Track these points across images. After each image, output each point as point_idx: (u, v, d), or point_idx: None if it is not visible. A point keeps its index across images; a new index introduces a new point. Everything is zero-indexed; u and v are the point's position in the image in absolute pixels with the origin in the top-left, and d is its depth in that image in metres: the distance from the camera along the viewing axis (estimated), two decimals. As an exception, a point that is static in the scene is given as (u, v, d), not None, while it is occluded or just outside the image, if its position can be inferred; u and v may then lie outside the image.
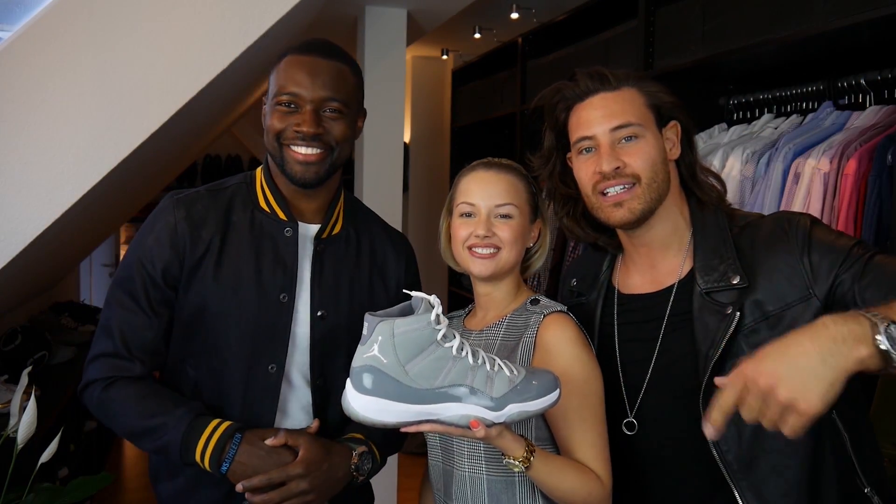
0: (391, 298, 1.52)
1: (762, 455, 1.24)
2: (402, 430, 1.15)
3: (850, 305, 1.20)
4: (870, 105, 2.05)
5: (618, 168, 1.31)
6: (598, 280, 1.48)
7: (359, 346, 1.14)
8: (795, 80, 2.25)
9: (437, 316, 1.14)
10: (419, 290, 1.56)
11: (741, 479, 1.24)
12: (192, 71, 2.20)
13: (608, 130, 1.33)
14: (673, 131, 1.38)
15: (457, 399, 1.13)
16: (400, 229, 3.78)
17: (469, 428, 1.13)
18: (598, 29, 3.18)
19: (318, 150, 1.41)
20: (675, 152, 1.38)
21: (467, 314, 1.50)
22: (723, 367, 1.25)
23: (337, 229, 1.52)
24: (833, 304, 1.23)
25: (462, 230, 1.39)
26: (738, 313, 1.25)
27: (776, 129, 2.22)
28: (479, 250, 1.37)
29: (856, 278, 1.20)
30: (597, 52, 3.15)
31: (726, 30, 2.27)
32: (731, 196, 2.01)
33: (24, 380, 1.68)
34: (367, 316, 1.15)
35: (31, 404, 1.57)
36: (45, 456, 1.59)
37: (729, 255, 1.31)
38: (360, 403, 1.13)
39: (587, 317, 1.44)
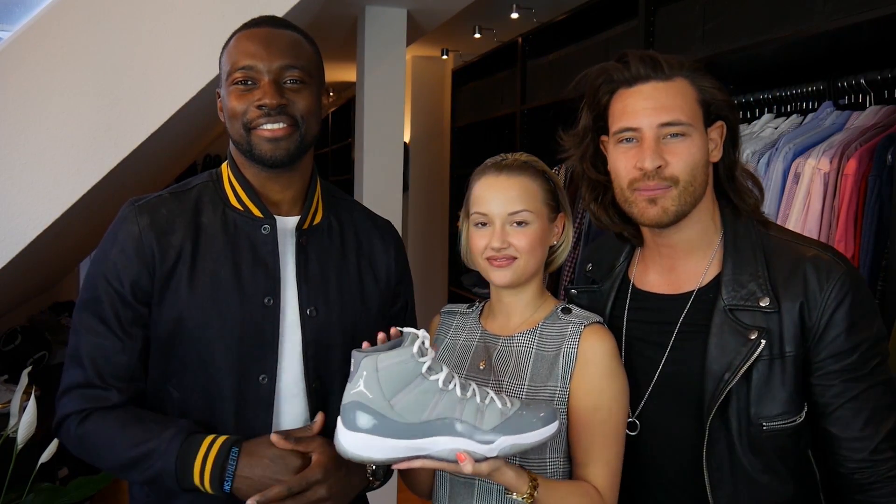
0: (382, 289, 1.45)
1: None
2: (394, 467, 1.13)
3: (815, 396, 1.23)
4: (870, 105, 2.05)
5: (659, 167, 1.23)
6: (613, 270, 1.43)
7: (347, 383, 1.13)
8: (795, 80, 2.24)
9: (420, 348, 1.11)
10: (409, 278, 1.52)
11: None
12: (192, 71, 2.20)
13: (656, 125, 1.23)
14: (718, 132, 1.30)
15: (445, 433, 1.10)
16: (400, 229, 3.79)
17: (457, 461, 1.09)
18: (598, 29, 3.18)
19: (285, 125, 1.29)
20: (717, 154, 1.30)
21: (481, 313, 1.43)
22: (731, 390, 1.23)
23: (318, 219, 1.41)
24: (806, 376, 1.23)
25: (478, 241, 1.33)
26: (763, 342, 1.21)
27: (776, 129, 2.22)
28: (497, 261, 1.31)
29: (839, 394, 1.21)
30: (597, 52, 3.15)
31: (726, 30, 2.27)
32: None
33: (24, 380, 1.68)
34: (354, 352, 1.13)
35: (31, 404, 1.57)
36: (45, 456, 1.59)
37: (760, 273, 1.25)
38: (349, 440, 1.11)
39: (598, 306, 1.41)
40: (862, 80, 2.02)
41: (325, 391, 1.36)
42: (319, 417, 1.30)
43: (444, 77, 5.66)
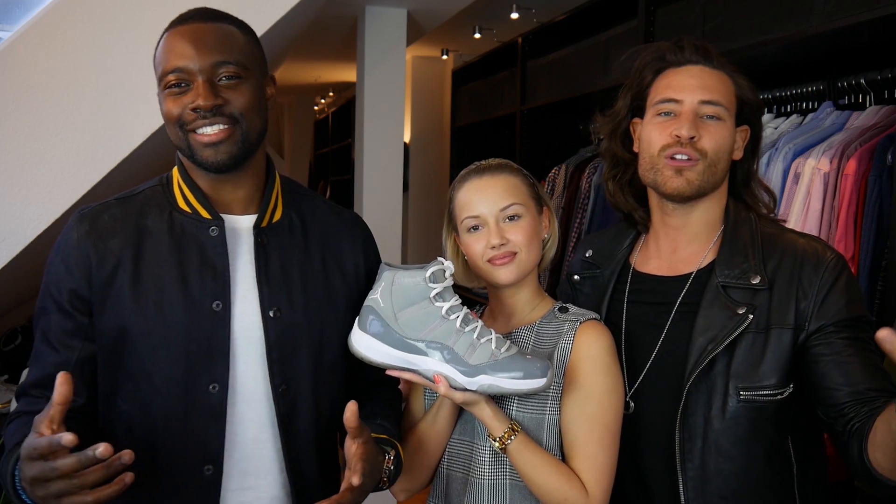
0: (351, 287, 1.37)
1: (715, 476, 1.26)
2: (387, 372, 1.25)
3: (808, 362, 1.24)
4: (870, 105, 2.05)
5: (693, 138, 1.30)
6: (615, 255, 1.47)
7: (371, 288, 1.27)
8: (795, 80, 2.24)
9: (434, 274, 1.22)
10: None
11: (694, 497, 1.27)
12: (192, 71, 2.20)
13: (697, 101, 1.31)
14: (742, 135, 1.37)
15: (434, 355, 1.21)
16: (400, 229, 3.80)
17: (433, 381, 1.20)
18: (598, 29, 3.18)
19: (223, 126, 1.23)
20: (738, 154, 1.37)
21: (480, 317, 1.43)
22: (715, 362, 1.26)
23: (278, 216, 1.34)
24: (803, 346, 1.25)
25: (475, 245, 1.33)
26: (751, 316, 1.26)
27: (776, 129, 2.22)
28: (499, 259, 1.32)
29: (838, 351, 1.22)
30: (597, 52, 3.15)
31: (726, 30, 2.27)
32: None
33: (24, 380, 1.68)
34: (382, 264, 1.27)
35: (31, 404, 1.57)
36: (45, 456, 1.58)
37: (754, 255, 1.31)
38: (357, 337, 1.26)
39: (599, 290, 1.44)
40: (862, 80, 2.02)
41: (293, 394, 1.30)
42: (352, 406, 1.16)
43: (444, 77, 5.66)
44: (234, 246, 1.30)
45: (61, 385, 1.05)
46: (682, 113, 1.32)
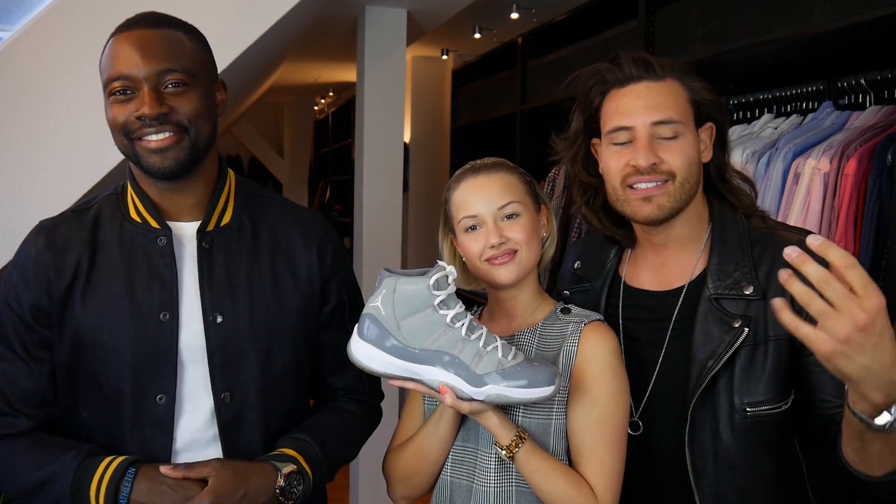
0: (303, 290, 1.35)
1: (729, 472, 1.25)
2: (389, 382, 1.22)
3: (803, 370, 1.23)
4: (870, 105, 2.05)
5: (654, 164, 1.24)
6: (604, 268, 1.43)
7: (371, 294, 1.22)
8: (795, 80, 2.24)
9: (438, 282, 1.18)
10: (343, 274, 1.43)
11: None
12: (192, 71, 2.20)
13: (649, 123, 1.25)
14: (707, 133, 1.32)
15: (440, 365, 1.17)
16: (400, 229, 3.79)
17: (438, 392, 1.17)
18: (598, 29, 3.18)
19: (169, 134, 1.22)
20: (707, 155, 1.32)
21: (479, 317, 1.42)
22: (717, 378, 1.24)
23: (226, 219, 1.33)
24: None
25: (473, 245, 1.31)
26: (746, 329, 1.23)
27: (776, 129, 2.22)
28: (498, 258, 1.29)
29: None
30: (597, 52, 3.15)
31: (726, 30, 2.27)
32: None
33: (24, 380, 1.68)
34: (383, 270, 1.21)
35: (31, 404, 1.56)
36: (45, 456, 1.58)
37: (745, 263, 1.27)
38: (357, 347, 1.22)
39: (590, 304, 1.41)
40: (862, 80, 2.02)
41: (238, 403, 1.28)
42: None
43: (444, 77, 5.66)
44: (180, 253, 1.30)
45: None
46: (637, 139, 1.26)
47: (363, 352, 1.21)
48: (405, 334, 1.18)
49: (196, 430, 1.28)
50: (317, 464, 1.29)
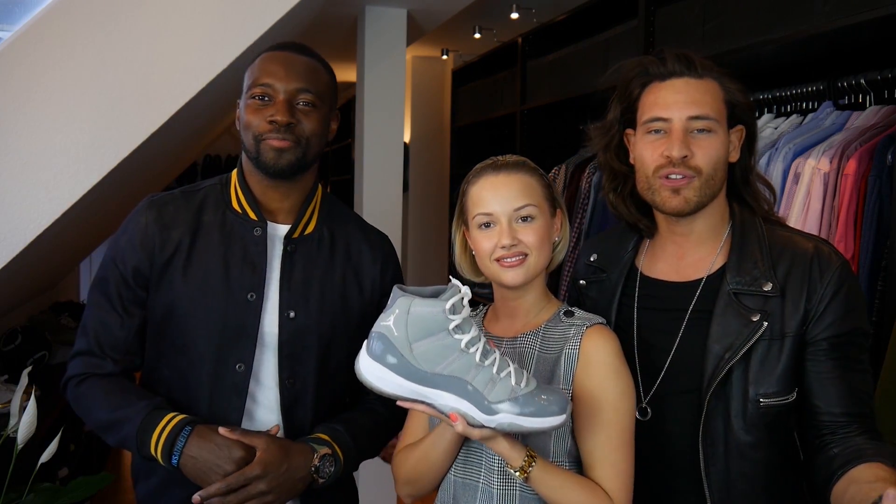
0: (365, 300, 1.53)
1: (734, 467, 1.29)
2: (398, 403, 1.18)
3: (805, 373, 1.28)
4: (870, 105, 2.05)
5: (685, 157, 1.30)
6: (621, 259, 1.47)
7: (383, 311, 1.19)
8: (795, 80, 2.24)
9: (455, 305, 1.15)
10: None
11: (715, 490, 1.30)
12: (192, 71, 2.20)
13: (685, 117, 1.31)
14: (738, 135, 1.37)
15: (452, 391, 1.15)
16: (400, 229, 3.80)
17: (449, 418, 1.15)
18: (598, 29, 3.18)
19: (290, 142, 1.41)
20: (735, 156, 1.37)
21: (484, 316, 1.42)
22: (732, 369, 1.28)
23: (310, 229, 1.51)
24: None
25: (485, 243, 1.31)
26: (765, 324, 1.27)
27: (776, 129, 2.22)
28: (508, 259, 1.29)
29: (828, 370, 1.27)
30: (597, 52, 3.15)
31: (726, 30, 2.27)
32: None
33: (24, 380, 1.68)
34: (395, 287, 1.19)
35: (31, 404, 1.57)
36: (45, 456, 1.58)
37: (764, 261, 1.32)
38: (366, 365, 1.18)
39: (606, 294, 1.44)
40: (862, 80, 2.02)
41: (298, 389, 1.46)
42: (275, 429, 1.42)
43: (444, 77, 5.66)
44: (271, 249, 1.47)
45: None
46: (672, 131, 1.31)
47: (373, 372, 1.17)
48: (417, 357, 1.15)
49: (263, 402, 1.46)
50: (347, 451, 1.44)
